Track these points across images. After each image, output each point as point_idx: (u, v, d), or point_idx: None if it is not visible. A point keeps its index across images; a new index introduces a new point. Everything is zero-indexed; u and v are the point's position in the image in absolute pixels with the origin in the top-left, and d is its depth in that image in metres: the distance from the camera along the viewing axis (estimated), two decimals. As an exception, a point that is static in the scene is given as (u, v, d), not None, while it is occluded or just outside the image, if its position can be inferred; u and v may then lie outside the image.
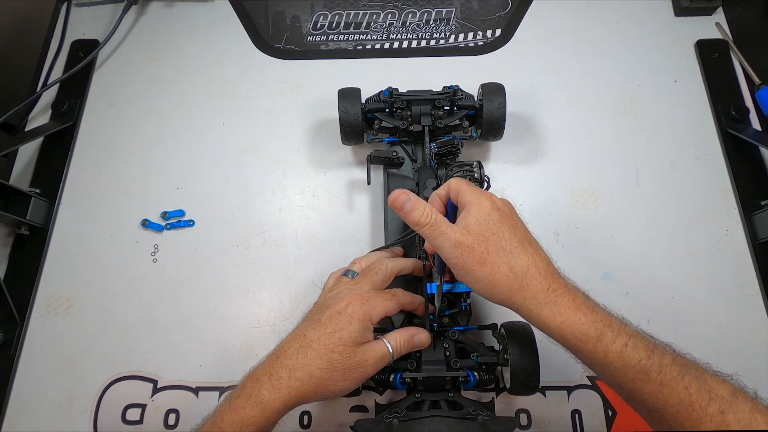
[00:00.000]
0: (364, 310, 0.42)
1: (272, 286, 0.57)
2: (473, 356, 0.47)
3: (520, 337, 0.45)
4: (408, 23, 0.71)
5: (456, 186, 0.41)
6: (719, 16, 0.69)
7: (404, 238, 0.51)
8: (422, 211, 0.39)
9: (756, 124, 0.62)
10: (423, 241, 0.50)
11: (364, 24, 0.71)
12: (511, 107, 0.57)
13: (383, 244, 0.55)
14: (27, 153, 0.64)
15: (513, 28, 0.69)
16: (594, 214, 0.59)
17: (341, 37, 0.70)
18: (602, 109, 0.64)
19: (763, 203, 0.57)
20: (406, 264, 0.49)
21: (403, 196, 0.40)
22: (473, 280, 0.39)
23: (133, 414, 0.52)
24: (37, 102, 0.67)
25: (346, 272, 0.48)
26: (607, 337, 0.37)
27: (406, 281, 0.51)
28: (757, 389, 0.37)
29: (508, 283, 0.38)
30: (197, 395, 0.52)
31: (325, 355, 0.40)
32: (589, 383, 0.52)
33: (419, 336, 0.45)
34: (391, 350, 0.43)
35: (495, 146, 0.62)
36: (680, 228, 0.58)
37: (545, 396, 0.51)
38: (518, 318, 0.53)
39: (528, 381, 0.44)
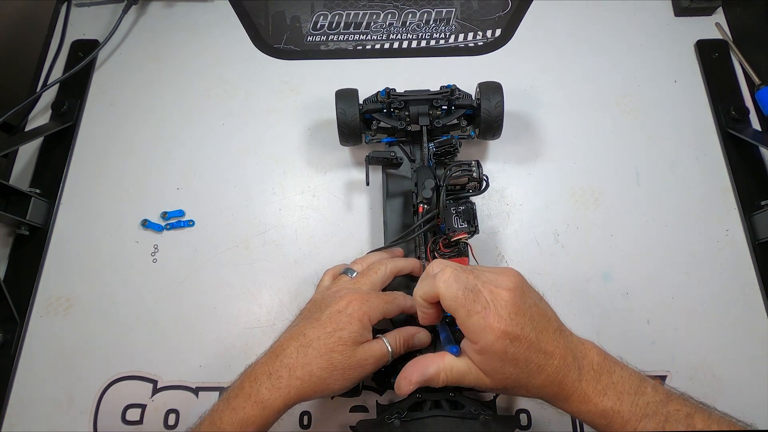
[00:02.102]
0: (364, 310, 0.42)
1: (272, 286, 0.57)
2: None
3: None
4: (408, 23, 0.71)
5: (451, 307, 0.37)
6: (719, 16, 0.69)
7: (404, 238, 0.51)
8: (440, 377, 0.39)
9: (756, 124, 0.62)
10: (423, 241, 0.50)
11: (364, 24, 0.71)
12: (511, 107, 0.57)
13: (383, 244, 0.55)
14: (27, 153, 0.64)
15: (513, 28, 0.69)
16: (594, 214, 0.59)
17: (341, 37, 0.70)
18: (602, 109, 0.64)
19: (763, 203, 0.57)
20: (406, 264, 0.49)
21: (411, 370, 0.40)
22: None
23: (133, 414, 0.52)
24: (37, 102, 0.67)
25: (346, 270, 0.48)
26: (615, 426, 0.36)
27: (405, 281, 0.51)
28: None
29: (526, 396, 0.39)
30: (197, 395, 0.52)
31: (326, 355, 0.40)
32: (589, 383, 0.52)
33: (419, 335, 0.45)
34: (390, 349, 0.43)
35: (495, 146, 0.62)
36: (680, 228, 0.58)
37: (545, 396, 0.51)
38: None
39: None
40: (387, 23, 0.71)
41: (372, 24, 0.71)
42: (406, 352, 0.45)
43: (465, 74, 0.63)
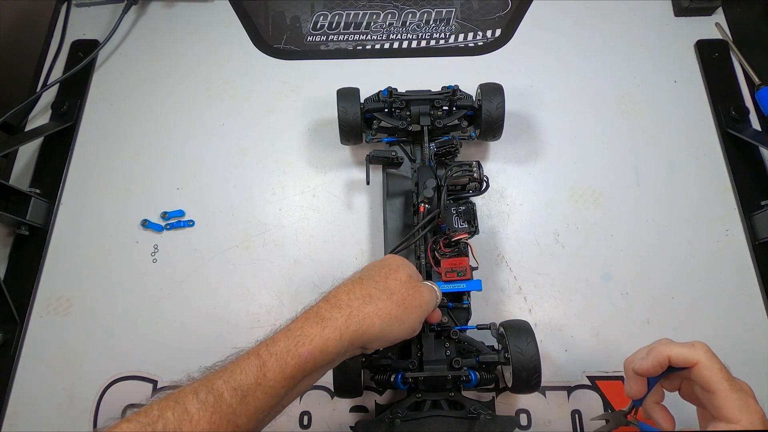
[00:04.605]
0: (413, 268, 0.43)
1: (272, 286, 0.57)
2: (475, 355, 0.47)
3: (520, 335, 0.45)
4: (408, 23, 0.71)
5: (713, 378, 0.35)
6: (719, 16, 0.69)
7: (408, 242, 0.51)
8: None
9: (756, 124, 0.62)
10: (423, 240, 0.50)
11: (364, 24, 0.71)
12: (511, 107, 0.57)
13: (383, 244, 0.55)
14: (27, 153, 0.64)
15: (513, 28, 0.70)
16: (594, 214, 0.59)
17: (341, 37, 0.70)
18: (602, 109, 0.64)
19: (763, 203, 0.57)
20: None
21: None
22: None
23: (133, 414, 0.52)
24: (37, 102, 0.67)
25: None
26: None
27: None
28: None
29: None
30: (197, 395, 0.52)
31: (402, 303, 0.39)
32: (589, 383, 0.52)
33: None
34: (438, 294, 0.44)
35: (495, 146, 0.62)
36: (680, 228, 0.58)
37: (545, 396, 0.51)
38: (516, 316, 0.54)
39: (530, 378, 0.44)
40: (387, 23, 0.71)
41: (372, 24, 0.71)
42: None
43: (465, 74, 0.63)
